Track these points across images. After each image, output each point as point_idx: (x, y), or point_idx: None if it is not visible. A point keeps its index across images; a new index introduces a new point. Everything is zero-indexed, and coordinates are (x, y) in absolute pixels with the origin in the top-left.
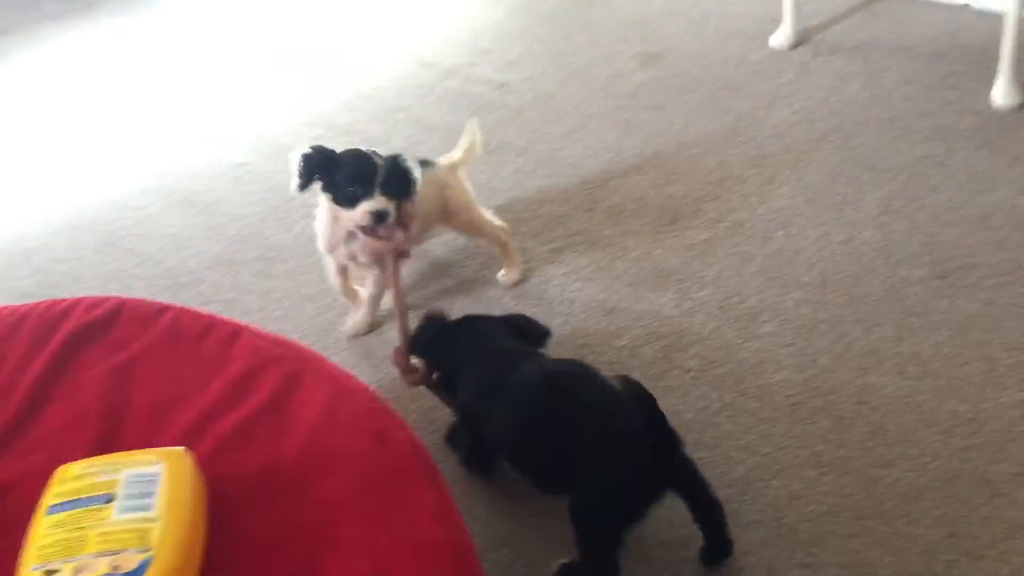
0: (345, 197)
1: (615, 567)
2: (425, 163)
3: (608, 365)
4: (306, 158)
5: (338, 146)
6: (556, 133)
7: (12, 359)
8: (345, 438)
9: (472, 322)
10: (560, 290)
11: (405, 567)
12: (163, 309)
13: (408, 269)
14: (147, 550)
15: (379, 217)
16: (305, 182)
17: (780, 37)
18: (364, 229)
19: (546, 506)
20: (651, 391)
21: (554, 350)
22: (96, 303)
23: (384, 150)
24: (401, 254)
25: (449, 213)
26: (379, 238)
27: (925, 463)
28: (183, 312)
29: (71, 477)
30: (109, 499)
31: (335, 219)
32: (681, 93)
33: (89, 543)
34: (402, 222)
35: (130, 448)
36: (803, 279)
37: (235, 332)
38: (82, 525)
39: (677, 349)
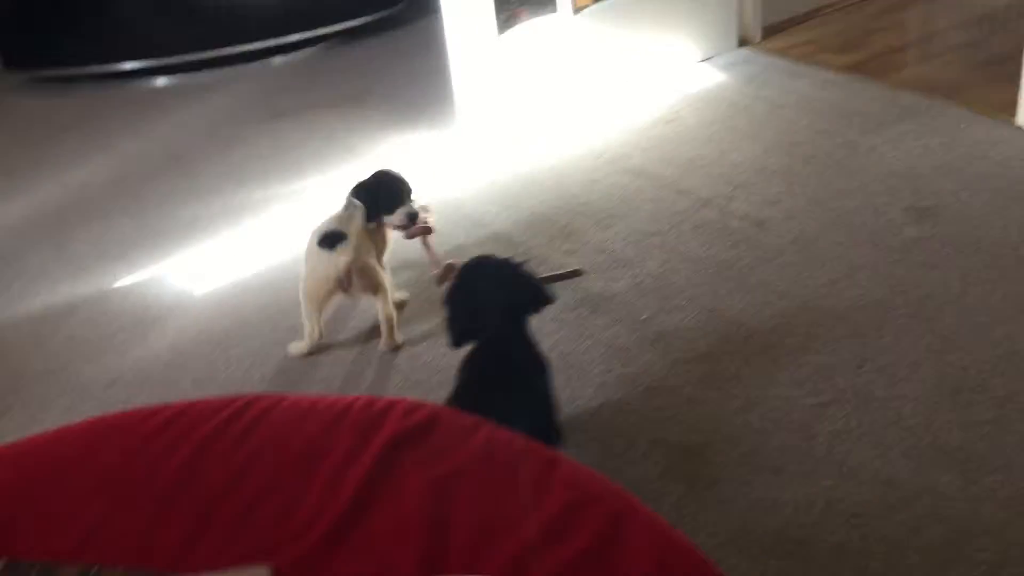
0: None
1: None
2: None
3: (883, 540)
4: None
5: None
6: (819, 280)
7: (338, 453)
8: None
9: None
10: (827, 449)
11: None
12: (476, 425)
13: None
14: None
15: (413, 217)
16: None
17: None
18: (403, 228)
19: None
20: None
21: (821, 514)
22: (412, 408)
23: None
24: (427, 231)
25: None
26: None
27: None
28: (495, 431)
29: None
30: None
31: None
32: (958, 255)
33: None
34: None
35: (457, 570)
36: None
37: (552, 461)
38: None
39: (966, 537)
